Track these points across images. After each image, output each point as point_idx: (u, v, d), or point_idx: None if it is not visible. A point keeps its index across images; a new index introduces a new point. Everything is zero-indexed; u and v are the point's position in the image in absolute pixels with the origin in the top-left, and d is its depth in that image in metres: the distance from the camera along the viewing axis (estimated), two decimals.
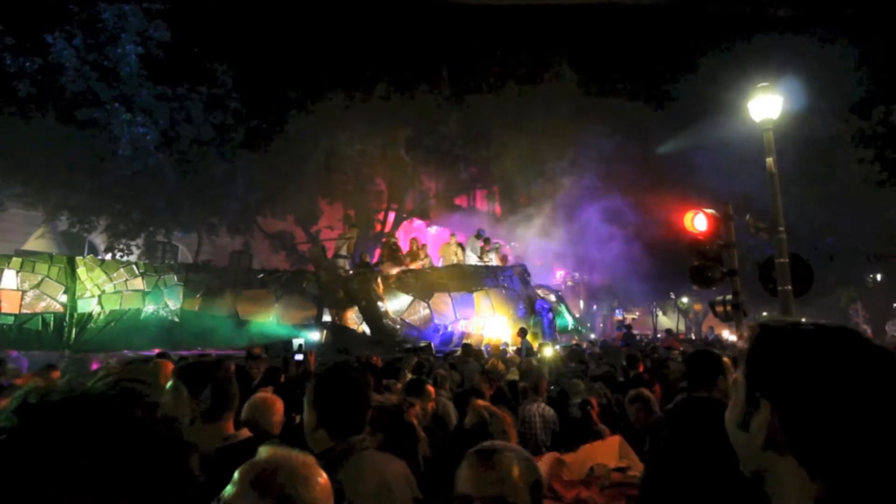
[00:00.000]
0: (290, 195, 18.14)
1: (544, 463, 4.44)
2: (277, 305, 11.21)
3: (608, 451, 4.91)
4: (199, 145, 15.13)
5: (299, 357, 5.85)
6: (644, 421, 3.85)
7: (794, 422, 0.80)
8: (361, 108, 17.30)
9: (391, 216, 20.92)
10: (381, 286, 12.51)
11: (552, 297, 16.37)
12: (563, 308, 16.78)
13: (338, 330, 11.95)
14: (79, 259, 9.71)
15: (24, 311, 8.40)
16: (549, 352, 12.48)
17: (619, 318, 31.42)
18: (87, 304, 9.10)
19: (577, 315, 19.94)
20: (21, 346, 7.88)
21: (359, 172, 20.11)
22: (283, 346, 8.06)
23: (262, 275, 12.28)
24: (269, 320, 10.98)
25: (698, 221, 7.18)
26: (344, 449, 1.87)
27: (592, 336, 19.27)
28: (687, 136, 18.38)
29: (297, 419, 3.89)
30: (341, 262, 13.89)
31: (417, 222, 23.68)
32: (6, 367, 5.21)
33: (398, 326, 12.41)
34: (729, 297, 6.92)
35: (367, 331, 12.09)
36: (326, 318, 12.23)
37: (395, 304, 12.68)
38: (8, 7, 12.94)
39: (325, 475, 1.28)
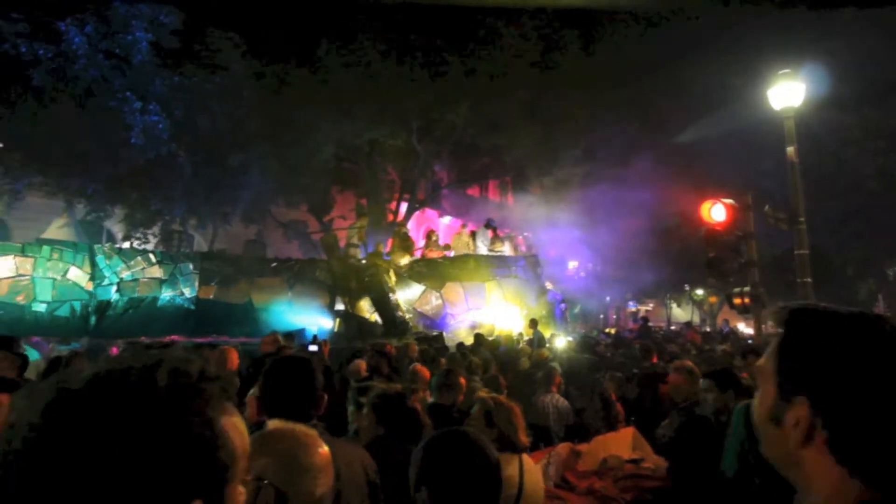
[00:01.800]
0: (302, 185, 18.18)
1: (557, 454, 4.44)
2: (290, 294, 11.29)
3: (621, 443, 4.90)
4: (213, 135, 15.22)
5: (314, 348, 5.86)
6: (686, 392, 3.66)
7: (835, 419, 0.74)
8: (371, 97, 17.21)
9: (403, 206, 20.90)
10: (392, 277, 12.53)
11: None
12: None
13: (350, 318, 12.01)
14: (98, 247, 9.86)
15: (55, 299, 8.58)
16: (561, 342, 12.46)
17: (633, 309, 31.15)
18: (107, 292, 9.25)
19: (576, 310, 19.77)
20: (52, 332, 8.11)
21: (370, 162, 20.08)
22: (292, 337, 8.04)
23: (275, 263, 12.35)
24: (283, 308, 11.07)
25: (716, 212, 7.07)
26: None
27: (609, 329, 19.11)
28: (704, 124, 18.08)
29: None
30: (353, 251, 13.93)
31: (430, 212, 23.65)
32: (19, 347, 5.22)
33: (409, 317, 12.44)
34: (747, 288, 6.81)
35: (380, 320, 12.14)
36: (339, 306, 12.29)
37: (408, 294, 12.70)
38: None
39: (326, 447, 1.36)
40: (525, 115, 18.07)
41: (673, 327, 24.29)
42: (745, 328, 24.05)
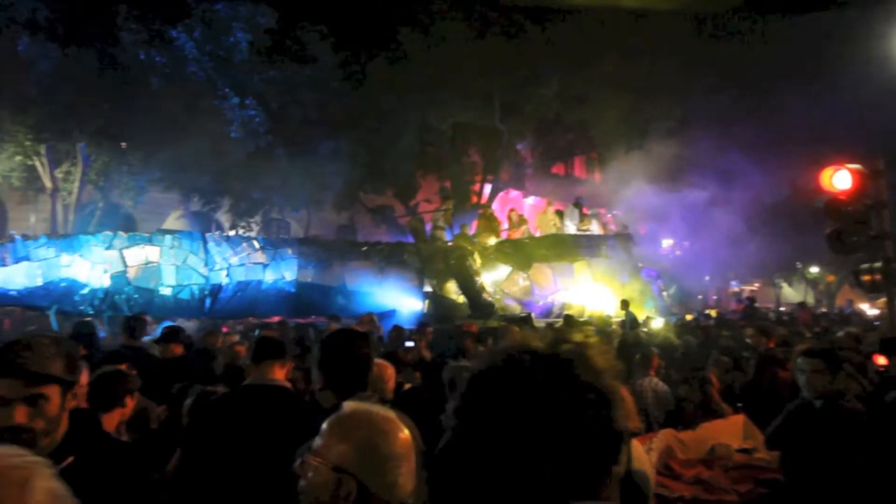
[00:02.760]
0: (388, 171, 18.63)
1: (659, 440, 4.24)
2: (381, 276, 11.68)
3: (731, 431, 4.58)
4: (305, 125, 15.99)
5: (410, 344, 5.92)
6: (821, 388, 3.05)
7: None
8: (454, 78, 17.13)
9: (487, 187, 20.80)
10: (478, 260, 12.53)
11: None
12: None
13: (438, 300, 12.23)
14: (209, 235, 10.80)
15: (177, 283, 9.65)
16: (658, 323, 11.88)
17: (736, 289, 28.89)
18: (218, 276, 10.15)
19: (672, 291, 18.54)
20: (177, 314, 9.19)
21: (453, 145, 20.13)
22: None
23: (365, 247, 12.83)
24: (374, 290, 11.49)
25: (839, 179, 6.30)
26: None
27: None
28: (820, 81, 16.14)
29: (407, 386, 4.07)
30: (439, 233, 14.11)
31: (514, 193, 23.36)
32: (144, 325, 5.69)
33: (496, 297, 12.42)
34: (878, 264, 6.05)
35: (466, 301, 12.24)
36: (428, 288, 12.55)
37: (494, 275, 12.66)
38: (139, 5, 14.37)
39: (406, 430, 1.33)
40: (613, 86, 17.15)
41: (783, 308, 22.28)
42: (869, 309, 21.55)
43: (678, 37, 17.06)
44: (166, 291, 9.49)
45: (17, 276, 8.19)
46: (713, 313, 15.77)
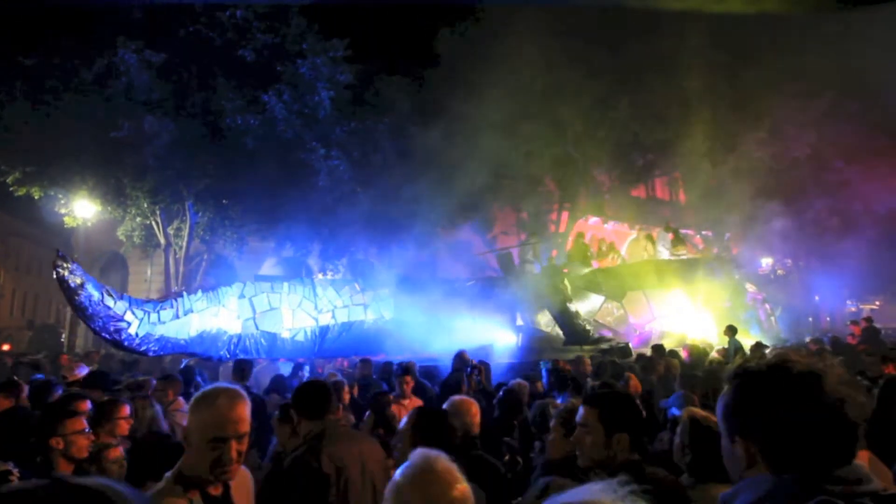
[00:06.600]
0: (464, 207, 18.89)
1: None
2: (472, 312, 11.74)
3: None
4: (385, 170, 16.69)
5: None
6: None
7: None
8: (525, 110, 17.25)
9: (564, 216, 20.55)
10: (568, 287, 12.32)
11: None
12: None
13: (531, 334, 12.08)
14: (317, 281, 11.43)
15: (294, 326, 10.28)
16: (766, 351, 11.03)
17: (853, 309, 26.26)
18: (325, 318, 10.67)
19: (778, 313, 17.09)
20: (293, 354, 9.88)
21: (527, 175, 20.12)
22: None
23: (458, 284, 13.02)
24: (466, 326, 11.53)
25: None
26: (324, 428, 2.79)
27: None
28: None
29: None
30: (529, 267, 14.07)
31: (593, 219, 22.91)
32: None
33: (591, 327, 12.08)
34: None
35: (561, 333, 11.99)
36: (520, 321, 12.45)
37: (587, 306, 12.38)
38: (232, 73, 15.82)
39: (461, 483, 1.38)
40: (693, 101, 16.61)
41: None
42: None
43: (763, 43, 16.35)
44: (286, 335, 10.11)
45: (185, 327, 9.23)
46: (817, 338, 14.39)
